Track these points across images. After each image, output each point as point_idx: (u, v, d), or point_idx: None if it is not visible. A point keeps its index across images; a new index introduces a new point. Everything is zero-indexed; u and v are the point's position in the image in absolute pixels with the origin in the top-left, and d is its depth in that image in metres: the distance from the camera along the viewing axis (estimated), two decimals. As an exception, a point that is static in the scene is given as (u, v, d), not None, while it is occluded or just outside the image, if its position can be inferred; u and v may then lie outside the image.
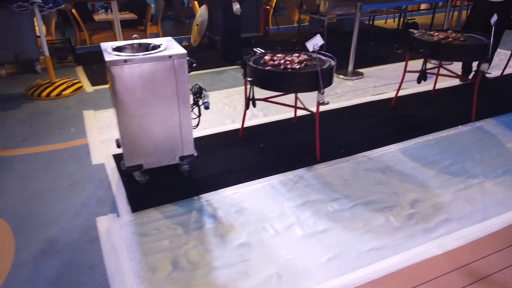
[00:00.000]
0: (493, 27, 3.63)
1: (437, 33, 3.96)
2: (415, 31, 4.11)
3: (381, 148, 3.40)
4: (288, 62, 3.09)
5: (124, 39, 7.27)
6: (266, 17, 7.63)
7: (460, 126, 3.79)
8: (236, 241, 2.33)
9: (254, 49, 3.49)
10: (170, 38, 2.97)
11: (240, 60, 5.72)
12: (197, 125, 2.98)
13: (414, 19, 7.35)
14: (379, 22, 8.54)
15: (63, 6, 4.60)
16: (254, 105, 3.23)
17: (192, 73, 5.03)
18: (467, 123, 3.85)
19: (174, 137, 2.77)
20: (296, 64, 3.04)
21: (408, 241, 2.34)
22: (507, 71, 5.17)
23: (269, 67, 3.05)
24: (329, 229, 2.43)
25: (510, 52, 5.01)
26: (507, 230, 2.42)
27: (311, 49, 2.86)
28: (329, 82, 3.11)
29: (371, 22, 8.51)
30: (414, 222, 2.49)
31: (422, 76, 3.86)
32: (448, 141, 3.50)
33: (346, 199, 2.71)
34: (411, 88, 4.70)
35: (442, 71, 4.33)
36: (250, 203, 2.68)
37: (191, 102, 2.87)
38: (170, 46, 2.73)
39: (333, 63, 3.12)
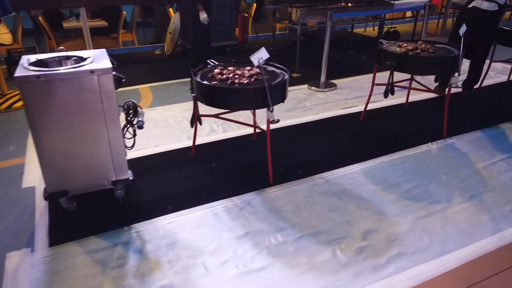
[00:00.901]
0: (462, 38, 3.40)
1: (406, 44, 3.72)
2: (385, 42, 3.88)
3: (342, 168, 3.14)
4: (236, 77, 2.83)
5: (95, 47, 7.08)
6: (245, 24, 7.41)
7: (429, 143, 3.54)
8: (158, 283, 2.05)
9: (208, 60, 3.25)
10: (103, 50, 2.70)
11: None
12: (133, 145, 2.72)
13: (395, 27, 7.14)
14: (361, 30, 8.34)
15: (13, 13, 4.33)
16: (200, 123, 2.97)
17: (157, 83, 4.80)
18: (438, 139, 3.60)
19: (103, 160, 2.50)
20: (244, 79, 2.79)
21: (353, 281, 2.07)
22: (486, 83, 4.95)
23: (215, 82, 2.80)
24: (267, 267, 2.16)
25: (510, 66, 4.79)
26: (465, 268, 2.16)
27: (255, 63, 2.61)
28: (281, 98, 2.86)
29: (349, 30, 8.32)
30: (363, 257, 2.23)
31: (389, 90, 3.61)
32: (415, 161, 3.25)
33: (293, 229, 2.45)
34: (384, 101, 4.46)
35: (413, 84, 4.09)
36: (186, 234, 2.41)
37: (125, 120, 2.61)
38: (98, 59, 2.47)
39: (285, 77, 2.87)
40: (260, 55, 2.58)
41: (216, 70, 2.99)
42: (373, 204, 2.70)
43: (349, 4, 5.75)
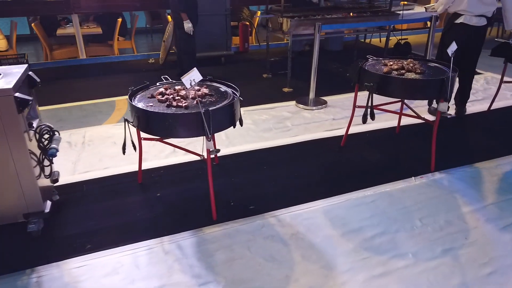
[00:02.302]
0: (452, 58, 2.92)
1: (391, 62, 3.27)
2: (371, 58, 3.45)
3: (303, 205, 2.73)
4: (177, 98, 2.49)
5: (89, 55, 6.92)
6: (246, 33, 7.09)
7: (413, 178, 3.07)
8: None
9: (163, 76, 2.93)
10: (23, 66, 2.39)
11: (195, 82, 5.17)
12: (49, 174, 2.41)
13: (406, 38, 6.62)
14: (376, 40, 7.84)
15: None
16: (134, 149, 2.64)
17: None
18: (425, 173, 3.13)
19: (10, 191, 2.21)
20: (185, 101, 2.44)
21: None
22: (496, 105, 4.40)
23: (151, 104, 2.46)
24: (168, 335, 1.79)
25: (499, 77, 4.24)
26: None
27: (188, 85, 2.25)
28: (229, 123, 2.49)
29: (362, 40, 7.83)
30: (289, 330, 1.82)
31: (370, 114, 3.17)
32: (389, 199, 2.80)
33: (216, 285, 2.06)
34: (373, 123, 4.00)
35: (393, 107, 3.63)
36: (90, 284, 2.07)
37: (38, 147, 2.30)
38: (8, 77, 2.17)
39: (235, 99, 2.50)
40: (192, 77, 2.22)
41: (161, 90, 2.66)
42: (323, 254, 2.28)
43: (351, 14, 5.32)
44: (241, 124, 2.79)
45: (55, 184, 2.71)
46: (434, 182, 3.00)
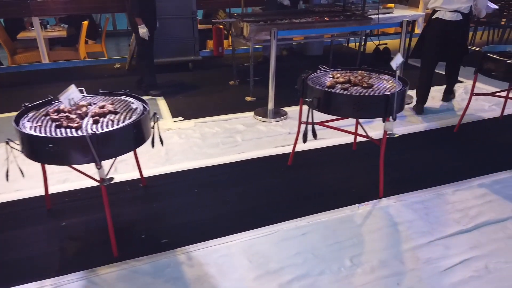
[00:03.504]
0: (397, 70, 2.59)
1: (339, 74, 2.94)
2: (322, 68, 3.13)
3: (225, 237, 2.42)
4: (71, 117, 2.18)
5: (53, 59, 6.60)
6: (220, 37, 6.78)
7: (357, 205, 2.74)
8: None
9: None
10: None
11: (154, 90, 4.88)
12: None
13: (386, 43, 6.27)
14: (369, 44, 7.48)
15: None
16: (22, 174, 2.34)
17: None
18: (371, 200, 2.79)
19: None
20: (77, 122, 2.12)
21: None
22: (472, 117, 4.05)
23: (39, 124, 2.15)
24: None
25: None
26: None
27: (67, 104, 1.93)
28: (129, 147, 2.18)
29: (345, 45, 7.49)
30: None
31: (312, 132, 2.84)
32: (323, 232, 2.47)
33: None
34: (329, 139, 3.67)
35: (348, 121, 3.29)
36: None
37: None
38: None
39: (141, 116, 2.19)
40: (70, 95, 1.90)
41: (61, 107, 2.35)
42: (226, 304, 1.95)
43: (326, 18, 4.97)
44: (162, 143, 2.51)
45: None
46: (380, 211, 2.67)
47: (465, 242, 2.37)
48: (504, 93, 3.80)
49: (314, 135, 2.89)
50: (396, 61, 2.51)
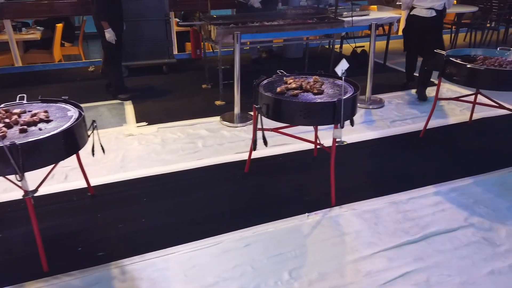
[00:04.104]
0: (343, 78, 2.52)
1: (292, 80, 2.87)
2: (280, 73, 3.06)
3: (164, 250, 2.35)
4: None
5: (26, 62, 6.50)
6: (197, 39, 6.70)
7: (307, 214, 2.67)
8: None
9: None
10: None
11: (122, 94, 4.80)
12: None
13: (363, 46, 6.21)
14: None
15: None
16: None
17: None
18: (323, 208, 2.73)
19: None
20: (2, 132, 2.04)
21: None
22: (440, 122, 3.99)
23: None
24: None
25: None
26: None
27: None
28: (64, 154, 2.11)
29: (327, 47, 7.42)
30: None
31: (263, 140, 2.77)
32: (268, 243, 2.40)
33: None
34: (291, 144, 3.60)
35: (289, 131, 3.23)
36: None
37: None
38: None
39: (71, 125, 2.12)
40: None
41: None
42: (150, 322, 1.88)
43: (309, 21, 4.90)
44: (103, 152, 2.45)
45: None
46: (329, 220, 2.60)
47: (410, 254, 2.30)
48: (469, 98, 3.73)
49: (265, 143, 2.83)
50: (341, 67, 2.44)
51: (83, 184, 2.97)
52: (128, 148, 3.57)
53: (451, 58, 3.31)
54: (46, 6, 5.88)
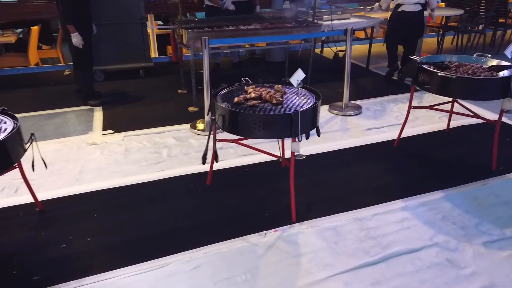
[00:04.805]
0: (298, 88, 2.38)
1: (253, 89, 2.73)
2: (246, 79, 2.92)
3: (103, 274, 2.19)
4: None
5: (1, 66, 6.30)
6: (177, 43, 6.55)
7: (264, 232, 2.52)
8: None
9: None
10: None
11: (92, 100, 4.65)
12: None
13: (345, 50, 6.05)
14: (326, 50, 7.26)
15: None
16: None
17: (19, 114, 3.87)
18: (284, 225, 2.58)
19: None
20: None
21: None
22: (417, 130, 3.85)
23: None
24: None
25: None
26: None
27: None
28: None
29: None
30: None
31: (214, 154, 2.63)
32: (217, 265, 2.26)
33: None
34: (260, 154, 3.44)
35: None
36: None
37: None
38: None
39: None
40: None
41: None
42: None
43: (269, 25, 4.76)
44: (45, 166, 2.30)
45: None
46: (287, 239, 2.45)
47: (368, 277, 2.15)
48: (447, 105, 3.59)
49: (216, 158, 2.70)
50: (297, 77, 2.29)
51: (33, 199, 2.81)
52: (88, 158, 3.42)
53: (423, 66, 3.17)
54: (23, 8, 5.72)
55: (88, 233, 2.50)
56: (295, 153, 2.46)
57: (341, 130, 3.95)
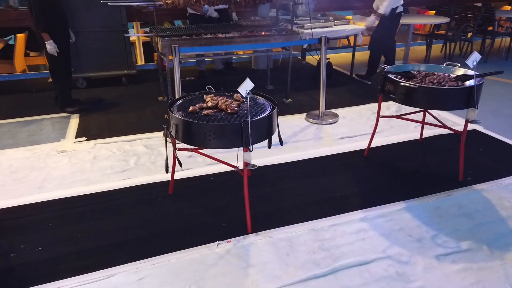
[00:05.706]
0: (247, 97, 2.35)
1: (211, 98, 2.71)
2: (210, 88, 2.90)
3: (46, 285, 2.16)
4: None
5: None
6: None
7: (217, 242, 2.49)
8: None
9: None
10: None
11: (69, 107, 4.65)
12: None
13: (328, 58, 6.04)
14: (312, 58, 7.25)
15: None
16: None
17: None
18: (240, 235, 2.55)
19: None
20: None
21: None
22: (392, 139, 3.82)
23: None
24: None
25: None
26: None
27: None
28: None
29: (300, 58, 7.27)
30: None
31: (177, 162, 2.62)
32: (165, 276, 2.23)
33: None
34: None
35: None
36: None
37: None
38: None
39: None
40: None
41: None
42: None
43: (247, 33, 4.76)
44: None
45: None
46: (239, 250, 2.42)
47: (313, 290, 2.11)
48: (418, 115, 3.56)
49: (180, 164, 2.68)
50: (245, 87, 2.28)
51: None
52: (54, 166, 3.41)
53: (388, 75, 3.15)
54: (7, 16, 5.75)
55: (39, 243, 2.48)
56: (247, 163, 2.43)
57: (314, 139, 3.93)
